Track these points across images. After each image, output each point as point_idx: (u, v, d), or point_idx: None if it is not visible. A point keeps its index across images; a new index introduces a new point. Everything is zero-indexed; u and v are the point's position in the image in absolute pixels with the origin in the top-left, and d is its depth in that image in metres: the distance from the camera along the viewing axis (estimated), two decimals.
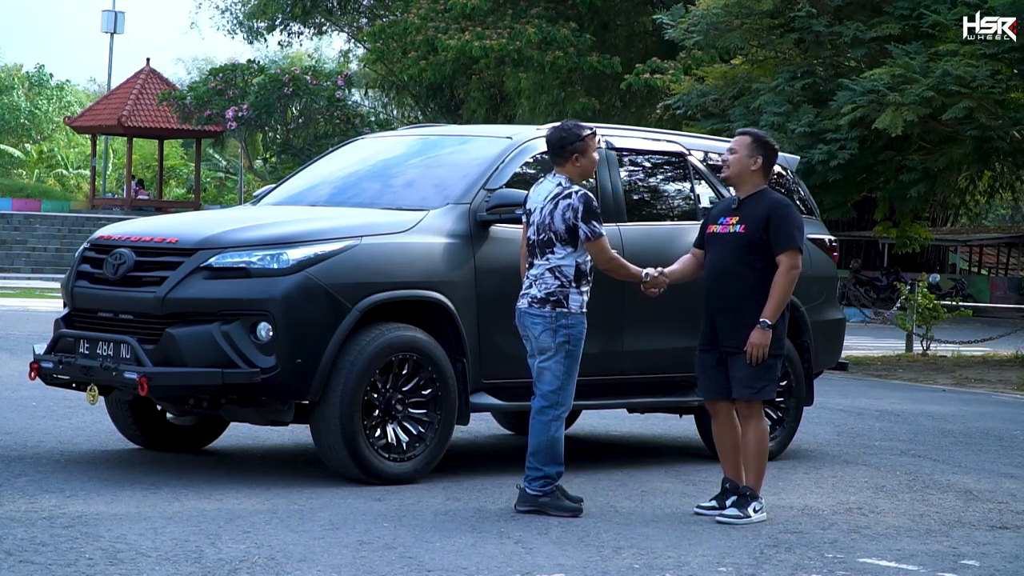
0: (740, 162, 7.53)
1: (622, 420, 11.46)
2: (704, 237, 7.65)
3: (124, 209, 45.29)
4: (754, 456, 7.46)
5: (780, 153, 11.24)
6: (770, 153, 7.54)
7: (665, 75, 27.89)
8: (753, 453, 7.46)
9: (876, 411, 13.23)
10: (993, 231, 45.95)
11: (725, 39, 21.25)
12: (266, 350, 7.60)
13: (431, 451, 8.00)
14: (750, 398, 7.43)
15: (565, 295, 7.38)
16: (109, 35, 57.37)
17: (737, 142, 7.59)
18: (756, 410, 7.47)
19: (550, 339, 7.37)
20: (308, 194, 9.12)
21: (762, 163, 7.51)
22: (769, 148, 7.54)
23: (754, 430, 7.46)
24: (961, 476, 9.38)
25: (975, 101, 18.17)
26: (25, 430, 9.34)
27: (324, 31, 45.65)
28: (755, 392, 7.41)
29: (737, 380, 7.43)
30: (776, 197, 7.54)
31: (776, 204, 7.46)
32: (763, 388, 7.43)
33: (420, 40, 31.96)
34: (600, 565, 6.25)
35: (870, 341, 23.65)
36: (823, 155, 18.95)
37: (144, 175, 61.60)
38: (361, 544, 6.40)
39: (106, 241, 8.25)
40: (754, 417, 7.46)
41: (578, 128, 7.49)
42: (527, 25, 30.72)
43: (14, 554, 5.91)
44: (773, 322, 7.34)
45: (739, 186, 7.57)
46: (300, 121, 43.73)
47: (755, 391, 7.41)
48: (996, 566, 6.63)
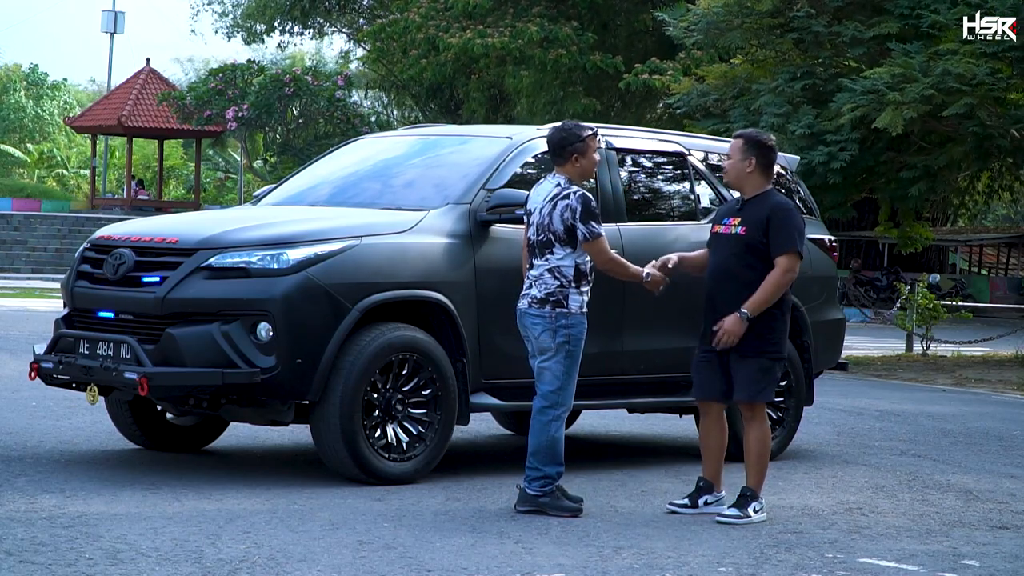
0: (734, 167, 7.53)
1: (622, 420, 11.46)
2: (710, 238, 7.66)
3: (124, 209, 45.29)
4: (756, 457, 7.46)
5: (780, 153, 11.28)
6: (764, 152, 7.49)
7: (664, 76, 27.87)
8: (755, 454, 7.46)
9: (876, 411, 13.23)
10: (993, 231, 45.95)
11: (725, 38, 21.26)
12: (266, 350, 7.60)
13: (431, 451, 8.00)
14: (751, 400, 7.43)
15: (565, 295, 7.38)
16: (109, 35, 57.33)
17: (731, 147, 7.60)
18: (758, 412, 7.47)
19: (550, 339, 7.37)
20: (308, 194, 9.12)
21: (756, 163, 7.48)
22: (762, 147, 7.49)
23: (756, 431, 7.46)
24: (961, 476, 9.38)
25: (976, 98, 18.17)
26: (25, 430, 9.34)
27: (324, 33, 45.64)
28: (756, 394, 7.42)
29: (738, 383, 7.43)
30: (779, 199, 7.52)
31: (777, 206, 7.44)
32: (764, 390, 7.43)
33: (421, 38, 31.94)
34: (600, 565, 6.25)
35: (870, 341, 23.65)
36: (823, 156, 18.95)
37: (144, 175, 61.61)
38: (361, 544, 6.40)
39: (106, 241, 8.25)
40: (756, 419, 7.47)
41: (579, 128, 7.48)
42: (529, 24, 30.72)
43: (14, 554, 5.91)
44: (752, 315, 7.30)
45: (740, 189, 7.57)
46: (300, 121, 43.73)
47: (755, 393, 7.41)
48: (996, 566, 6.62)
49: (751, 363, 7.40)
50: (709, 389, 7.55)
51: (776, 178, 10.28)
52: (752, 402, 7.43)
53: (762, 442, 7.47)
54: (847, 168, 19.34)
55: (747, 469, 7.50)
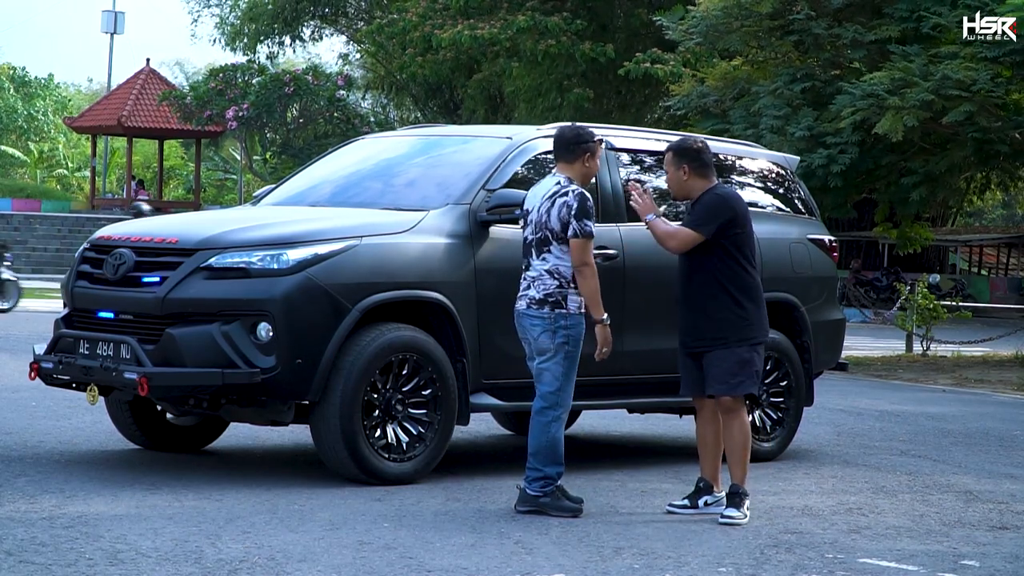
0: (673, 179, 7.65)
1: (622, 420, 11.46)
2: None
3: (124, 209, 45.29)
4: (739, 448, 7.46)
5: (780, 153, 11.28)
6: (694, 155, 7.56)
7: (665, 65, 27.71)
8: (738, 446, 7.46)
9: (876, 411, 13.23)
10: (993, 231, 45.95)
11: (725, 41, 21.25)
12: (266, 350, 7.60)
13: (431, 451, 8.00)
14: (728, 393, 7.43)
15: (563, 296, 7.38)
16: (109, 35, 57.34)
17: (664, 161, 7.72)
18: (738, 404, 7.47)
19: (549, 340, 7.36)
20: (308, 194, 9.12)
21: (691, 169, 7.55)
22: (690, 151, 7.56)
23: (736, 425, 7.46)
24: (961, 476, 9.38)
25: (975, 104, 18.16)
26: (25, 430, 9.34)
27: (321, 36, 45.58)
28: (732, 387, 7.41)
29: (711, 377, 7.45)
30: (714, 190, 7.55)
31: (707, 193, 7.51)
32: (741, 383, 7.41)
33: (417, 37, 31.96)
34: (600, 565, 6.25)
35: (870, 341, 23.65)
36: (823, 159, 18.95)
37: (144, 175, 61.60)
38: (361, 544, 6.40)
39: (106, 241, 8.25)
40: (735, 412, 7.46)
41: (588, 131, 7.54)
42: (519, 15, 30.70)
43: (14, 554, 5.91)
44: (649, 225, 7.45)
45: (689, 197, 7.67)
46: (300, 121, 43.71)
47: (732, 386, 7.41)
48: (996, 566, 6.62)
49: (724, 355, 7.40)
50: (695, 387, 7.60)
51: (776, 177, 10.31)
52: (729, 395, 7.43)
53: (744, 435, 7.46)
54: (847, 172, 19.34)
55: (731, 466, 7.49)
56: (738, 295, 7.45)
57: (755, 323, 7.47)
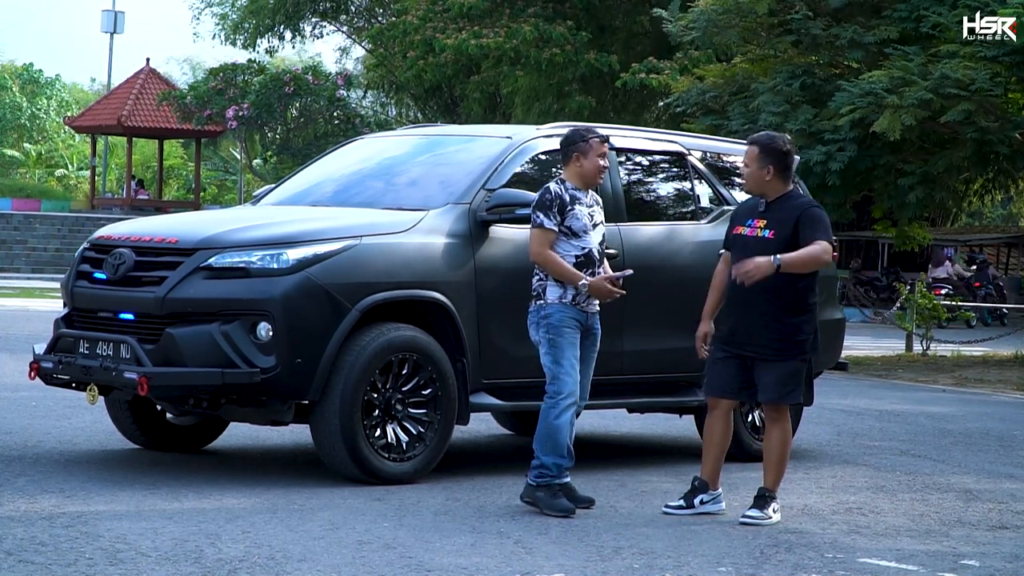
0: (752, 176, 7.50)
1: (622, 420, 11.46)
2: (729, 239, 7.64)
3: (124, 209, 45.28)
4: (777, 458, 7.46)
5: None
6: (781, 158, 7.44)
7: (661, 75, 27.83)
8: (777, 455, 7.46)
9: (876, 411, 13.23)
10: (993, 231, 45.92)
11: (723, 36, 21.25)
12: (266, 350, 7.60)
13: (431, 451, 8.00)
14: (779, 402, 7.43)
15: (543, 288, 7.44)
16: (109, 35, 57.33)
17: (747, 154, 7.54)
18: (783, 413, 7.47)
19: (535, 333, 7.47)
20: (308, 194, 9.12)
21: (774, 170, 7.45)
22: (778, 153, 7.44)
23: (779, 432, 7.46)
24: (961, 476, 9.38)
25: (974, 104, 18.15)
26: (25, 430, 9.34)
27: (322, 34, 45.60)
28: (782, 396, 7.41)
29: (764, 385, 7.42)
30: (805, 199, 7.53)
31: (806, 205, 7.45)
32: (790, 392, 7.42)
33: (418, 40, 31.97)
34: (600, 565, 6.25)
35: (870, 341, 23.65)
36: (821, 156, 18.93)
37: (144, 175, 61.58)
38: (361, 544, 6.40)
39: (106, 241, 8.25)
40: (780, 420, 7.47)
41: (586, 130, 7.54)
42: (524, 24, 30.73)
43: (14, 554, 5.91)
44: (784, 268, 7.21)
45: (762, 195, 7.53)
46: (300, 121, 43.71)
47: (782, 395, 7.41)
48: (996, 566, 6.62)
49: (779, 367, 7.38)
50: (723, 388, 7.53)
51: None
52: (779, 404, 7.43)
53: (784, 443, 7.47)
54: (845, 171, 19.32)
55: (766, 470, 7.48)
56: (806, 311, 7.41)
57: (812, 339, 7.46)
